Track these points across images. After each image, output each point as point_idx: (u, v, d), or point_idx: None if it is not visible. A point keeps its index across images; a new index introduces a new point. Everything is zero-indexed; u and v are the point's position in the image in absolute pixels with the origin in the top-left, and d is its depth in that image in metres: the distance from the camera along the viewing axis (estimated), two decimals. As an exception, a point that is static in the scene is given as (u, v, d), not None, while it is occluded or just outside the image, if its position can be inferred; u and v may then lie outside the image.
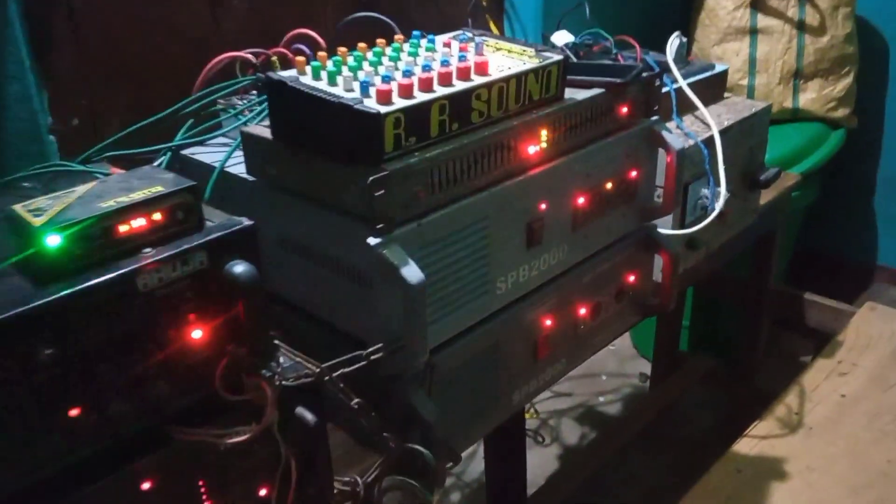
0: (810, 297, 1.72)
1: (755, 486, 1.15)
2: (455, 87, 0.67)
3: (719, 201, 1.03)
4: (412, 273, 0.62)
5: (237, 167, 0.78)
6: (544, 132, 0.75)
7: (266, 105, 0.76)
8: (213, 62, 0.87)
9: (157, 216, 0.55)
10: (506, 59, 0.74)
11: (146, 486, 0.55)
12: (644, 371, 2.07)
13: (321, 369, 0.62)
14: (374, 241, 0.63)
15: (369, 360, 0.65)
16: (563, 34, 1.03)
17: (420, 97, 0.65)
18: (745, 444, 1.24)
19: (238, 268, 0.55)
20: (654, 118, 0.88)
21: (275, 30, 0.90)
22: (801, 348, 2.00)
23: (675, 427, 1.84)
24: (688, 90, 1.08)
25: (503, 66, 0.72)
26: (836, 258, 2.37)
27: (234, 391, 0.58)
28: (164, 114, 0.84)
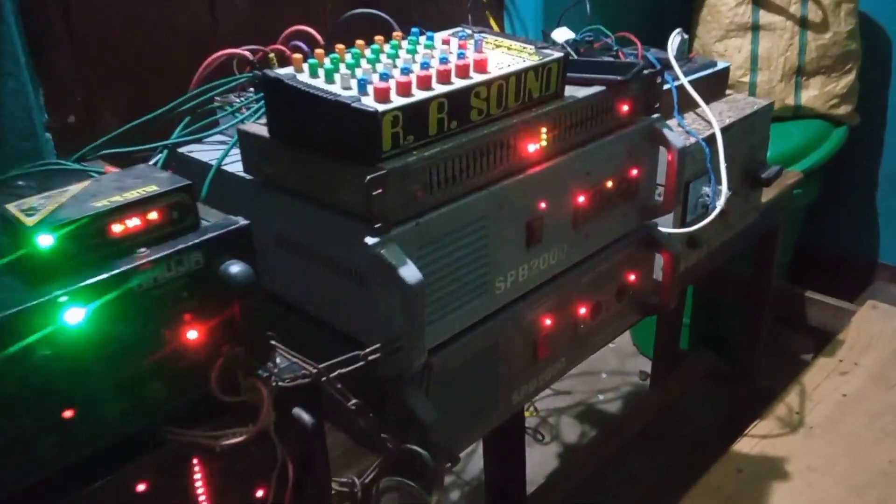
0: (811, 295, 1.71)
1: (756, 486, 1.14)
2: (454, 84, 0.67)
3: (720, 200, 1.02)
4: (410, 273, 0.61)
5: (234, 165, 0.78)
6: (544, 130, 0.75)
7: (263, 102, 0.75)
8: (210, 59, 0.87)
9: (152, 216, 0.54)
10: (505, 57, 0.73)
11: (141, 489, 0.55)
12: (644, 369, 2.06)
13: (318, 370, 0.61)
14: (372, 240, 0.62)
15: (367, 361, 0.64)
16: (563, 31, 1.03)
17: (418, 95, 0.64)
18: (745, 444, 1.23)
19: (234, 268, 0.54)
20: (655, 116, 0.88)
21: (273, 27, 0.90)
22: (802, 346, 1.99)
23: (675, 426, 1.84)
24: (689, 87, 1.07)
25: (503, 64, 0.71)
26: (838, 256, 2.36)
27: (230, 392, 0.57)
28: (161, 111, 0.84)
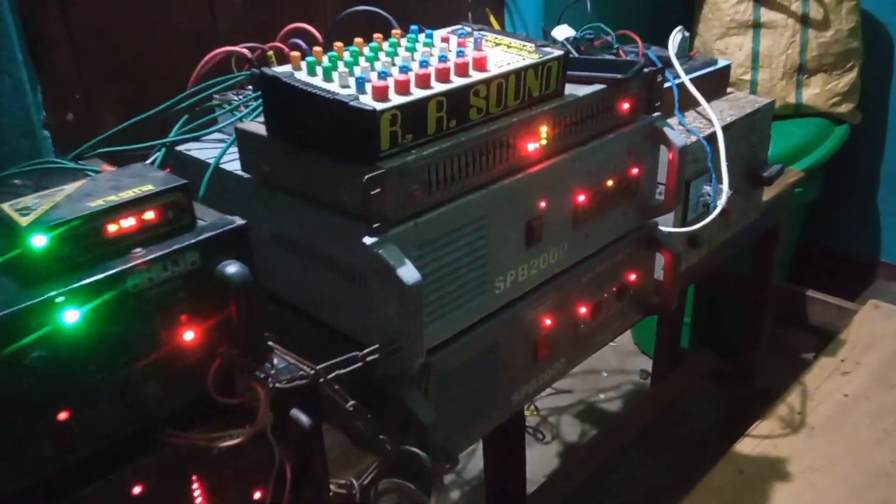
0: (812, 294, 1.70)
1: (757, 487, 1.14)
2: (453, 83, 0.66)
3: (722, 199, 1.02)
4: (408, 273, 0.61)
5: (233, 164, 0.77)
6: (544, 129, 0.74)
7: (261, 101, 0.75)
8: (208, 57, 0.86)
9: (147, 215, 0.53)
10: (505, 55, 0.73)
11: (137, 491, 0.55)
12: (645, 368, 2.06)
13: (316, 371, 0.61)
14: (370, 240, 0.62)
15: (365, 362, 0.64)
16: (564, 29, 1.02)
17: (417, 94, 0.64)
18: (746, 444, 1.23)
19: (230, 268, 0.54)
20: (656, 114, 0.87)
21: (273, 25, 0.89)
22: (804, 345, 1.99)
23: (676, 425, 1.83)
24: (690, 86, 1.07)
25: (502, 62, 0.71)
26: (839, 255, 2.36)
27: (227, 393, 0.57)
28: (158, 109, 0.83)
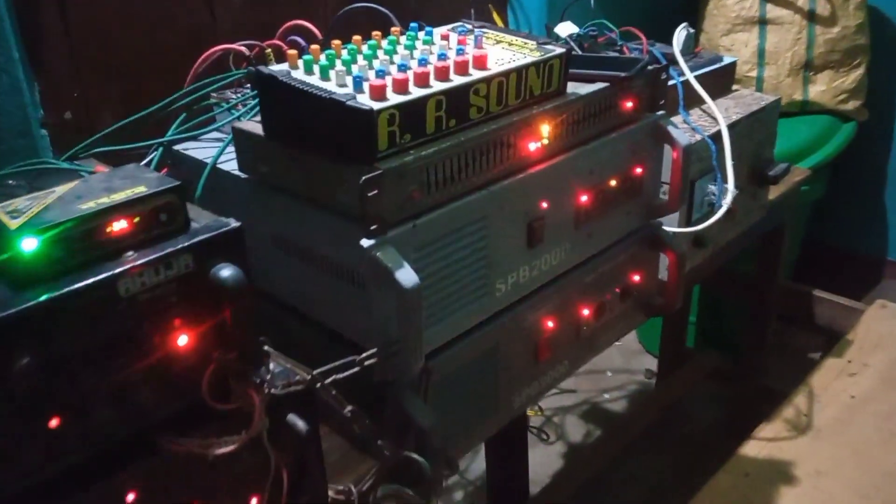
0: (819, 293, 1.69)
1: (763, 490, 1.12)
2: (452, 81, 0.65)
3: (727, 198, 1.00)
4: (406, 276, 0.60)
5: (230, 163, 0.77)
6: (545, 128, 0.73)
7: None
8: (206, 55, 0.85)
9: (140, 218, 0.52)
10: (506, 53, 0.71)
11: (131, 498, 0.54)
12: (650, 367, 2.05)
13: (312, 376, 0.60)
14: (368, 242, 0.61)
15: (363, 366, 0.63)
16: (567, 25, 1.01)
17: (415, 93, 0.62)
18: (752, 447, 1.21)
19: (225, 271, 0.53)
20: (660, 113, 0.86)
21: (274, 23, 0.88)
22: (810, 345, 1.97)
23: (681, 426, 1.82)
24: (695, 83, 1.05)
25: (503, 60, 0.69)
26: (845, 254, 2.34)
27: (222, 399, 0.56)
28: (155, 108, 0.82)
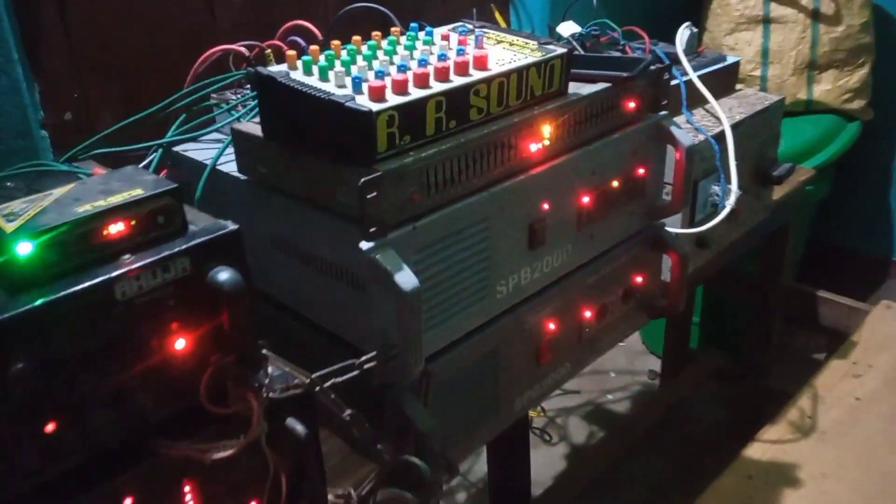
0: (823, 294, 1.68)
1: (767, 493, 1.12)
2: (452, 82, 0.64)
3: (730, 199, 1.00)
4: (406, 279, 0.59)
5: (230, 165, 0.76)
6: (547, 129, 0.72)
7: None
8: (205, 55, 0.85)
9: (137, 221, 0.52)
10: (507, 53, 0.71)
11: (128, 503, 0.53)
12: (653, 368, 2.04)
13: (311, 380, 0.59)
14: (367, 245, 0.60)
15: (362, 370, 0.62)
16: (569, 25, 1.00)
17: (415, 93, 0.62)
18: (756, 449, 1.21)
19: (222, 275, 0.52)
20: (663, 113, 0.85)
21: (274, 24, 0.88)
22: (814, 347, 1.96)
23: (685, 427, 1.81)
24: (698, 83, 1.05)
25: (504, 60, 0.69)
26: (850, 254, 2.33)
27: (220, 403, 0.55)
28: (154, 109, 0.82)
